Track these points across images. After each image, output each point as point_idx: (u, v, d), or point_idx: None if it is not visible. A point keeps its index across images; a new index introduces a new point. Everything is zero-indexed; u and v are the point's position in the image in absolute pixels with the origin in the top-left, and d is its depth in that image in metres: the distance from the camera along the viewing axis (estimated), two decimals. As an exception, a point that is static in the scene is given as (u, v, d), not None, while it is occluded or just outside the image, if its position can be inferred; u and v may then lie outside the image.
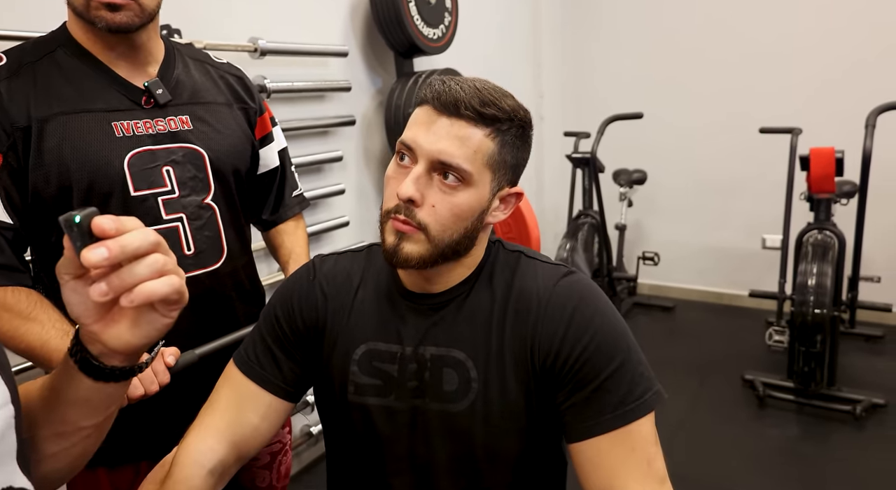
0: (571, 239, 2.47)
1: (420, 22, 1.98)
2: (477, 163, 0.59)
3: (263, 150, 1.01)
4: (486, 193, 0.62)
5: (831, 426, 1.96)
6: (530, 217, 1.54)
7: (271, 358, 0.70)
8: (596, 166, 2.55)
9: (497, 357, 0.65)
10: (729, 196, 2.99)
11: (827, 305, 1.94)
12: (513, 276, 0.67)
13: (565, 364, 0.62)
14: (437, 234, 0.60)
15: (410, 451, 0.68)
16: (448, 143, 0.58)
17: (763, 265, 2.84)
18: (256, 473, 1.04)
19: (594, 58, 3.22)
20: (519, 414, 0.65)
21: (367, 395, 0.68)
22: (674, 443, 1.93)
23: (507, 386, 0.64)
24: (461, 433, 0.65)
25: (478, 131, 0.59)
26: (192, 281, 0.87)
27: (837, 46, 2.61)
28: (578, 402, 0.62)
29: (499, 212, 0.65)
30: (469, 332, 0.66)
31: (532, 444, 0.67)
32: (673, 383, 2.32)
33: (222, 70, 0.97)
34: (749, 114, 2.76)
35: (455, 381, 0.65)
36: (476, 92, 0.59)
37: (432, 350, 0.66)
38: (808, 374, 2.02)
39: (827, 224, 2.16)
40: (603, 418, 0.61)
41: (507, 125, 0.61)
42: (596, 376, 0.61)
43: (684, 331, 2.84)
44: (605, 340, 0.62)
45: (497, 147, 0.60)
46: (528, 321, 0.64)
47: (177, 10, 1.47)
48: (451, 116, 0.59)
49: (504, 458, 0.66)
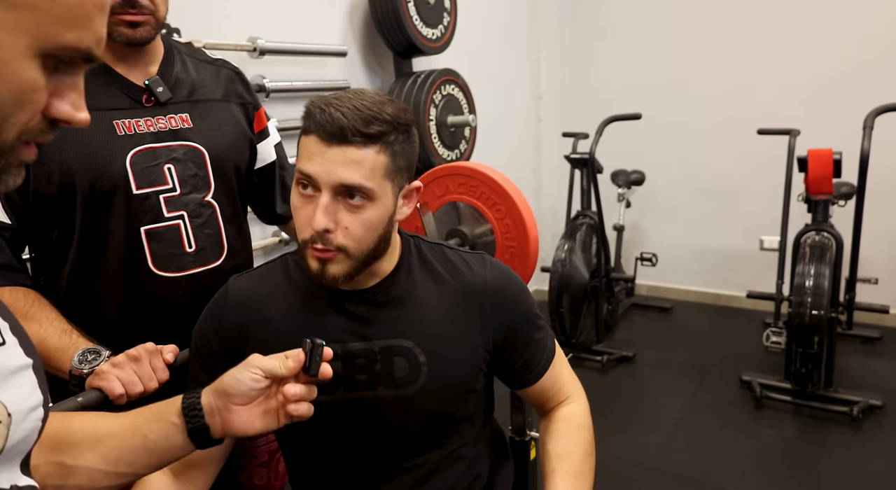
0: (569, 240, 2.47)
1: (419, 22, 1.98)
2: (376, 178, 0.64)
3: (261, 145, 1.01)
4: (390, 200, 0.67)
5: (828, 427, 1.96)
6: (529, 218, 1.54)
7: (200, 384, 0.73)
8: (594, 167, 2.55)
9: (446, 340, 0.72)
10: (727, 197, 3.00)
11: (824, 307, 1.94)
12: (446, 267, 0.75)
13: (516, 330, 0.76)
14: (356, 250, 0.66)
15: (365, 440, 0.73)
16: (344, 170, 0.62)
17: (761, 266, 2.84)
18: (255, 472, 1.04)
19: (593, 58, 3.22)
20: (468, 385, 0.74)
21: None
22: (672, 443, 1.93)
23: (458, 363, 0.73)
24: (416, 413, 0.72)
25: (369, 151, 0.63)
26: (194, 278, 0.88)
27: (836, 47, 2.62)
28: (526, 356, 0.77)
29: (405, 208, 0.71)
30: (412, 320, 0.72)
31: (477, 402, 0.78)
32: (671, 384, 2.32)
33: (218, 65, 0.97)
34: (747, 115, 2.77)
35: (406, 367, 0.71)
36: (357, 113, 0.62)
37: (380, 343, 0.71)
38: (805, 375, 2.03)
39: (825, 225, 2.17)
40: (544, 361, 0.78)
41: (394, 136, 0.65)
42: (534, 333, 0.77)
43: (682, 332, 2.85)
44: (531, 302, 0.79)
45: (389, 158, 0.65)
46: (480, 304, 0.74)
47: (176, 9, 1.46)
48: (341, 145, 0.62)
49: (456, 425, 0.76)
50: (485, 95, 2.54)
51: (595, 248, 2.59)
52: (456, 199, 1.68)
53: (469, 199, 1.65)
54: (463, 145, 2.27)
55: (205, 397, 0.55)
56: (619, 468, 1.79)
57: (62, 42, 0.34)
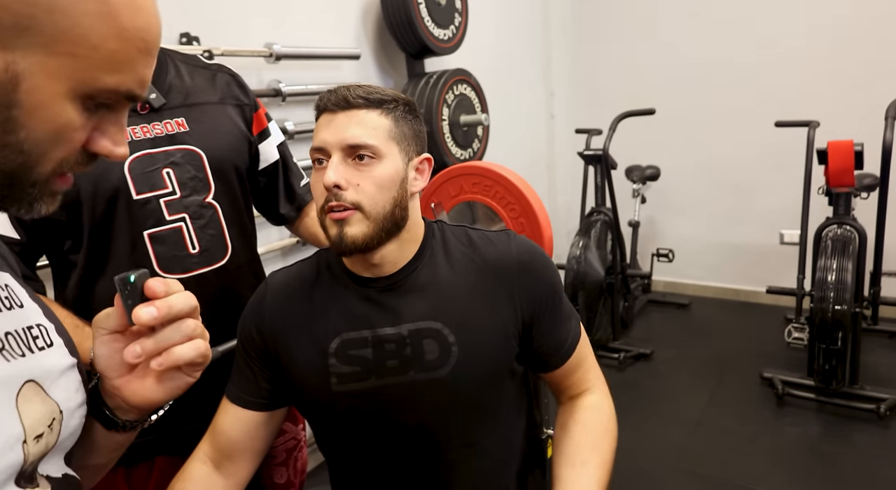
0: (584, 237, 2.46)
1: (431, 23, 2.00)
2: (380, 137, 0.68)
3: (262, 145, 1.02)
4: (399, 162, 0.69)
5: (854, 425, 1.93)
6: (542, 215, 1.54)
7: (245, 377, 0.76)
8: (608, 163, 2.54)
9: (475, 319, 0.72)
10: (744, 191, 2.95)
11: (848, 302, 1.91)
12: (469, 247, 0.76)
13: (543, 305, 0.75)
14: (371, 208, 0.67)
15: (401, 425, 0.73)
16: (350, 130, 0.67)
17: (780, 261, 2.79)
18: (274, 470, 1.06)
19: (604, 54, 3.19)
20: (501, 362, 0.74)
21: (349, 382, 0.72)
22: (692, 440, 1.91)
23: (488, 339, 0.72)
24: (448, 396, 0.72)
25: (371, 113, 0.68)
26: (201, 278, 0.89)
27: (855, 36, 2.56)
28: (554, 334, 0.77)
29: (418, 181, 0.73)
30: (439, 301, 0.72)
31: (511, 391, 0.77)
32: (690, 381, 2.30)
33: (213, 70, 0.97)
34: (764, 106, 2.72)
35: (436, 349, 0.71)
36: (359, 87, 0.69)
37: (408, 326, 0.71)
38: (829, 371, 1.99)
39: (847, 218, 2.12)
40: (570, 340, 0.78)
41: (394, 104, 0.70)
42: (560, 309, 0.77)
43: (700, 328, 2.81)
44: (558, 278, 0.78)
45: (392, 122, 0.69)
46: (506, 279, 0.74)
47: (196, 18, 1.50)
48: (345, 110, 0.68)
49: (488, 409, 0.75)
50: (497, 94, 2.54)
51: (610, 244, 2.57)
52: (470, 198, 1.69)
53: (483, 198, 1.66)
54: (476, 144, 2.28)
55: (101, 382, 0.50)
56: (638, 466, 1.78)
57: (102, 86, 0.35)
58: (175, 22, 1.44)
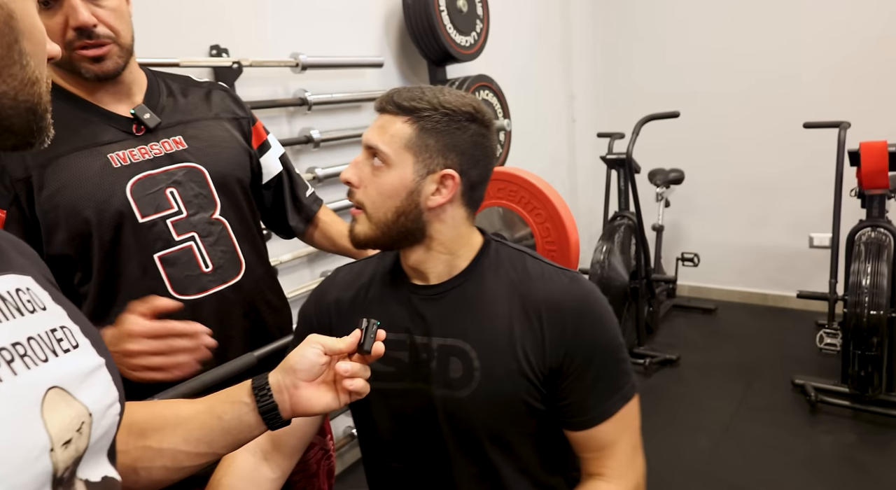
0: (607, 241, 2.44)
1: (452, 30, 2.01)
2: (394, 145, 0.68)
3: (264, 158, 1.02)
4: (409, 174, 0.68)
5: (892, 434, 1.87)
6: (569, 220, 1.54)
7: None
8: (632, 167, 2.51)
9: (502, 349, 0.69)
10: (771, 193, 2.89)
11: (884, 306, 1.85)
12: (521, 275, 0.72)
13: (573, 361, 0.69)
14: (373, 212, 0.69)
15: (424, 433, 0.73)
16: (374, 132, 0.69)
17: (810, 265, 2.73)
18: (307, 483, 1.06)
19: (626, 57, 3.17)
20: (520, 400, 0.70)
21: (383, 380, 0.73)
22: (721, 449, 1.88)
23: (510, 376, 0.69)
24: (465, 418, 0.71)
25: (396, 120, 0.68)
26: (217, 297, 0.87)
27: (885, 35, 2.50)
28: (575, 396, 0.70)
29: (437, 196, 0.69)
30: (473, 323, 0.71)
31: (532, 428, 0.72)
32: (717, 388, 2.26)
33: (206, 87, 0.97)
34: (790, 108, 2.67)
35: (460, 369, 0.70)
36: (408, 92, 0.69)
37: (438, 340, 0.71)
38: (864, 378, 1.93)
39: (881, 221, 2.07)
40: (596, 414, 0.69)
41: (429, 113, 0.68)
42: (596, 374, 0.69)
43: (727, 334, 2.76)
44: (608, 338, 0.70)
45: (415, 131, 0.68)
46: (546, 324, 0.69)
47: (224, 31, 1.54)
48: (380, 113, 0.71)
49: (506, 442, 0.71)
50: (519, 99, 2.54)
51: (634, 249, 2.54)
52: (496, 203, 1.69)
53: (509, 203, 1.66)
54: (498, 150, 2.28)
55: (272, 377, 0.58)
56: (664, 474, 1.76)
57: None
58: (205, 35, 1.49)
